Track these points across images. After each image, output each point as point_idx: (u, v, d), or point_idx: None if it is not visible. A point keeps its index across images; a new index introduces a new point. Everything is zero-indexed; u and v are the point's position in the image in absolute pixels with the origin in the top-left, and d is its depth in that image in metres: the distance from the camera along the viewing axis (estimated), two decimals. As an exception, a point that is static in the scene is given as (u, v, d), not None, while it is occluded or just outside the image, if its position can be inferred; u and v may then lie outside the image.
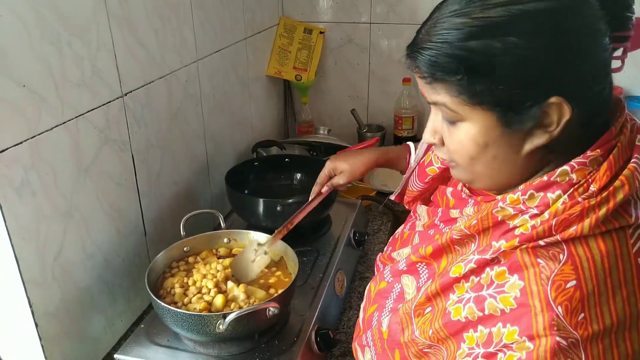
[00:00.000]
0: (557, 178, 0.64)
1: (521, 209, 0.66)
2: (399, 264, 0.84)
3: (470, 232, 0.71)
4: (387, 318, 0.80)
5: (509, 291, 0.64)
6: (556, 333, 0.59)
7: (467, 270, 0.69)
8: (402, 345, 0.76)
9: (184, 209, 1.31)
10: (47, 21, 0.86)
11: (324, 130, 2.04)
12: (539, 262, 0.63)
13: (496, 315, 0.64)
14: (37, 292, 0.89)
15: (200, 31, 1.36)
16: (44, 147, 0.88)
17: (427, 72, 0.65)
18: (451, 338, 0.69)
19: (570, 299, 0.60)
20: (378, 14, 1.96)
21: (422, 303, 0.74)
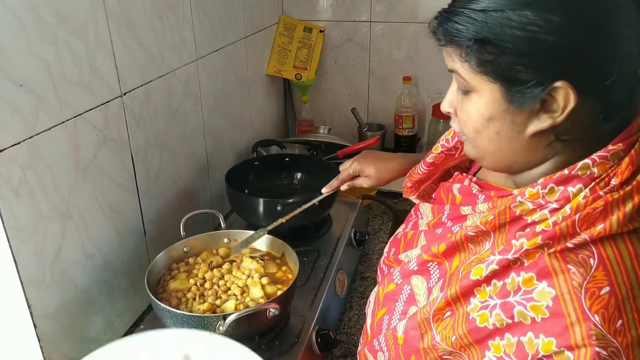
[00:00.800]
0: (579, 172, 0.62)
1: (540, 204, 0.65)
2: (409, 264, 0.82)
3: (486, 228, 0.70)
4: (402, 323, 0.78)
5: (539, 299, 0.62)
6: (595, 343, 0.58)
7: (489, 272, 0.66)
8: (420, 352, 0.74)
9: (183, 208, 1.30)
10: (45, 20, 0.85)
11: (324, 129, 2.03)
12: (570, 269, 0.61)
13: (526, 323, 0.62)
14: (35, 293, 0.89)
15: (199, 30, 1.36)
16: (42, 147, 0.87)
17: (442, 34, 0.65)
18: (475, 345, 0.67)
19: (606, 307, 0.59)
20: (378, 13, 1.95)
21: (441, 308, 0.71)
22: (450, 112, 0.73)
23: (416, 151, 2.07)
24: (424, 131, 2.08)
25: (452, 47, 0.65)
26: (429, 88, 2.03)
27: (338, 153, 1.72)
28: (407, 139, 2.04)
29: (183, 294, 1.02)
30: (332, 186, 1.16)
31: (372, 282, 1.34)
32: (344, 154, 1.72)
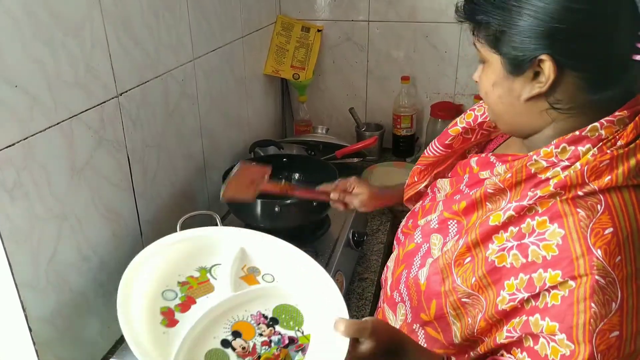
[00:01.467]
0: (588, 133, 0.71)
1: (553, 162, 0.73)
2: (429, 223, 0.90)
3: (503, 185, 0.78)
4: (423, 270, 0.86)
5: (550, 239, 0.71)
6: (596, 272, 0.67)
7: (506, 218, 0.75)
8: (440, 295, 0.82)
9: (180, 209, 1.29)
10: (40, 20, 0.84)
11: (322, 129, 2.02)
12: (579, 212, 0.70)
13: (537, 262, 0.71)
14: (30, 296, 0.88)
15: (196, 30, 1.35)
16: (37, 148, 0.86)
17: (462, 13, 0.78)
18: (492, 286, 0.76)
19: (608, 244, 0.67)
20: (376, 12, 1.94)
21: (462, 253, 0.80)
22: (477, 80, 0.83)
23: (414, 150, 2.06)
24: (422, 131, 2.07)
25: (469, 24, 0.77)
26: (427, 88, 2.03)
27: (336, 153, 1.71)
28: (406, 139, 2.03)
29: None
30: (326, 187, 1.19)
31: (370, 284, 1.34)
32: (342, 154, 1.71)
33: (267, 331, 0.75)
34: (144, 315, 0.74)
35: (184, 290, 0.78)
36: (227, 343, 0.72)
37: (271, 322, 0.76)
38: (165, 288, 0.78)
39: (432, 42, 1.94)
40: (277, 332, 0.75)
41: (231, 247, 0.84)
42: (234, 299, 0.76)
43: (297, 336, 0.76)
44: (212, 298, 0.77)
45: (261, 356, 0.72)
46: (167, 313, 0.75)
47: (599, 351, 0.66)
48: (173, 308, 0.76)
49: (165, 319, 0.74)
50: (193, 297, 0.77)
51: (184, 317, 0.74)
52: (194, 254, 0.82)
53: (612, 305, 0.66)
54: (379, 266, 1.41)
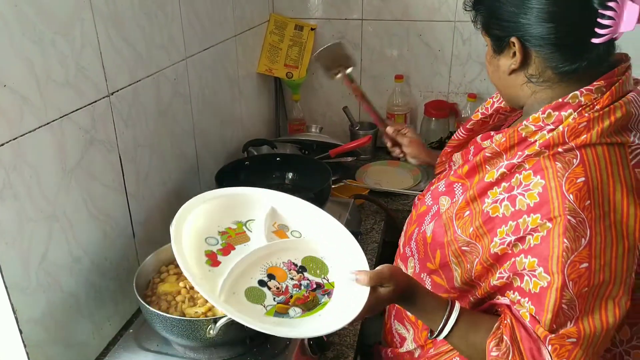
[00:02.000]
0: (569, 100, 0.83)
1: (540, 126, 0.85)
2: (438, 187, 1.04)
3: (499, 149, 0.90)
4: (430, 225, 0.99)
5: (533, 188, 0.82)
6: (567, 213, 0.78)
7: (499, 175, 0.88)
8: (444, 245, 0.95)
9: (173, 210, 1.27)
10: (29, 18, 0.83)
11: (316, 128, 2.02)
12: (557, 164, 0.81)
13: (522, 209, 0.83)
14: (20, 298, 0.87)
15: (188, 28, 1.34)
16: (27, 148, 0.85)
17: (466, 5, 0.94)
18: (487, 234, 0.88)
19: (579, 190, 0.79)
20: (370, 11, 1.94)
21: (462, 207, 0.93)
22: None
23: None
24: (416, 130, 2.07)
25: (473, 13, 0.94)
26: (421, 86, 2.03)
27: (330, 152, 1.71)
28: (399, 138, 2.02)
29: (173, 297, 1.00)
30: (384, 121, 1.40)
31: (364, 283, 1.33)
32: (336, 153, 1.71)
33: (297, 276, 0.86)
34: (192, 254, 0.85)
35: (224, 238, 0.90)
36: (263, 283, 0.83)
37: (300, 269, 0.87)
38: (207, 235, 0.89)
39: (426, 41, 1.94)
40: (306, 278, 0.87)
41: (263, 206, 0.95)
42: (268, 247, 0.88)
43: (323, 282, 0.87)
44: (249, 246, 0.89)
45: (293, 296, 0.83)
46: (211, 255, 0.86)
47: (571, 279, 0.78)
48: (215, 252, 0.87)
49: (209, 259, 0.85)
50: (232, 244, 0.89)
51: (225, 260, 0.86)
52: (230, 209, 0.94)
53: (582, 240, 0.78)
54: (373, 265, 1.41)
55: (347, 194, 1.65)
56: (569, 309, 0.79)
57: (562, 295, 0.78)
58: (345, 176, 1.76)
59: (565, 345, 0.79)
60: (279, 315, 0.80)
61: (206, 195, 0.92)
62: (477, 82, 1.96)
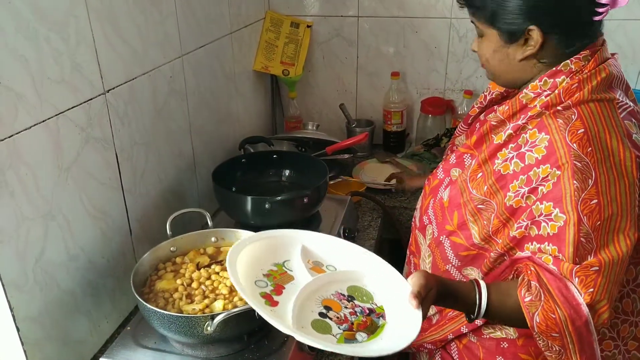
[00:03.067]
0: (562, 68, 0.95)
1: (539, 92, 0.96)
2: (448, 161, 1.13)
3: (503, 117, 1.00)
4: (446, 191, 1.08)
5: (540, 144, 0.92)
6: (573, 159, 0.88)
7: (506, 137, 0.98)
8: (460, 206, 1.03)
9: (170, 207, 1.29)
10: (22, 15, 0.83)
11: (313, 125, 2.02)
12: (558, 121, 0.92)
13: (532, 163, 0.93)
14: (17, 296, 0.86)
15: (184, 25, 1.34)
16: (23, 146, 0.85)
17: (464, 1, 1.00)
18: (500, 190, 0.97)
19: (581, 139, 0.89)
20: (365, 8, 1.94)
21: (475, 170, 1.02)
22: (476, 50, 1.05)
23: (405, 146, 2.06)
24: (413, 127, 2.07)
25: (471, 8, 1.00)
26: (417, 83, 2.03)
27: (327, 149, 1.71)
28: (396, 135, 2.03)
29: (170, 294, 1.00)
30: None
31: (362, 279, 1.33)
32: (333, 150, 1.71)
33: (349, 305, 0.90)
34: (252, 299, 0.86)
35: (270, 280, 0.93)
36: (324, 315, 0.87)
37: (349, 298, 0.91)
38: (255, 279, 0.92)
39: (422, 38, 1.94)
40: (358, 305, 0.90)
41: (294, 246, 1.00)
42: (315, 282, 0.92)
43: (373, 307, 0.91)
44: (296, 284, 0.92)
45: (354, 322, 0.86)
46: (267, 297, 0.88)
47: (584, 214, 0.86)
48: (269, 293, 0.90)
49: (267, 300, 0.88)
50: (281, 284, 0.92)
51: (281, 299, 0.89)
52: (266, 253, 0.98)
53: (589, 181, 0.87)
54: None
55: (344, 191, 1.65)
56: (587, 242, 0.86)
57: (579, 229, 0.86)
58: (342, 173, 1.76)
59: (590, 274, 0.86)
60: (349, 342, 0.83)
61: (241, 243, 0.96)
62: (474, 78, 1.96)
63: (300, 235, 1.03)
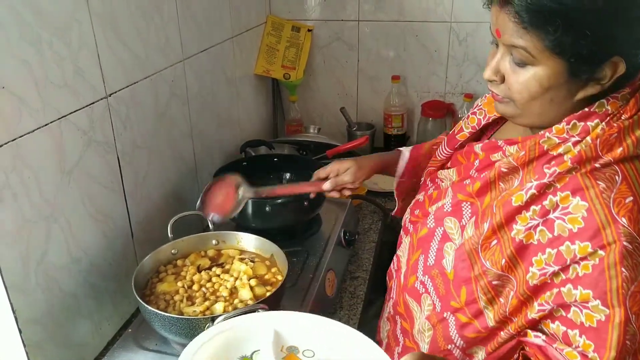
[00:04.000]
0: (596, 109, 0.77)
1: (565, 138, 0.78)
2: (442, 208, 0.93)
3: (517, 164, 0.82)
4: (448, 260, 0.88)
5: (575, 212, 0.75)
6: (623, 239, 0.71)
7: (529, 197, 0.79)
8: (470, 281, 0.85)
9: (171, 210, 1.29)
10: (25, 21, 0.84)
11: (314, 129, 2.02)
12: (599, 184, 0.74)
13: (564, 235, 0.75)
14: (20, 298, 0.87)
15: (185, 30, 1.35)
16: (26, 149, 0.86)
17: (526, 18, 0.72)
18: (521, 264, 0.79)
19: (630, 211, 0.72)
20: (366, 12, 1.95)
21: (488, 237, 0.83)
22: (495, 79, 0.82)
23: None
24: (413, 130, 2.08)
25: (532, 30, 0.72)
26: (418, 87, 2.03)
27: (327, 153, 1.71)
28: (397, 138, 2.04)
29: (171, 296, 1.01)
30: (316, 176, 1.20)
31: (362, 282, 1.34)
32: (334, 153, 1.71)
33: None
34: None
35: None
36: None
37: None
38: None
39: (422, 42, 1.95)
40: None
41: (265, 332, 0.85)
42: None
43: None
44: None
45: None
46: None
47: (633, 312, 0.70)
48: None
49: None
50: None
51: None
52: (232, 345, 0.84)
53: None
54: (371, 265, 1.41)
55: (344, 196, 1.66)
56: (631, 344, 0.72)
57: (625, 331, 0.71)
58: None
59: None
60: None
61: (202, 337, 0.82)
62: (474, 82, 1.97)
63: (272, 319, 0.88)
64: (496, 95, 0.83)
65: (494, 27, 0.78)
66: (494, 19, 0.78)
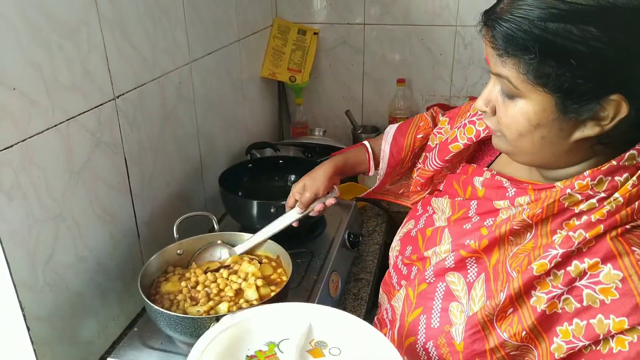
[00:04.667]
0: (626, 162, 0.68)
1: (588, 194, 0.69)
2: (444, 262, 0.83)
3: (532, 221, 0.73)
4: (457, 329, 0.79)
5: (607, 282, 0.66)
6: None
7: (553, 265, 0.69)
8: (486, 354, 0.76)
9: (177, 211, 1.30)
10: (37, 24, 0.85)
11: (319, 131, 2.04)
12: (634, 250, 0.66)
13: (595, 306, 0.66)
14: (28, 296, 0.89)
15: (192, 33, 1.36)
16: (35, 150, 0.87)
17: (502, 45, 0.66)
18: (543, 335, 0.70)
19: None
20: (372, 15, 1.96)
21: (505, 306, 0.74)
22: (487, 110, 0.75)
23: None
24: (418, 133, 2.09)
25: (510, 58, 0.66)
26: (423, 90, 2.04)
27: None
28: (402, 141, 2.04)
29: (175, 296, 1.02)
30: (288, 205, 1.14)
31: (366, 284, 1.35)
32: (338, 156, 1.72)
33: None
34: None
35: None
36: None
37: None
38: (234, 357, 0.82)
39: (427, 45, 1.95)
40: None
41: (300, 322, 0.87)
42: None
43: None
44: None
45: None
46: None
47: None
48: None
49: None
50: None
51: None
52: (263, 329, 0.86)
53: None
54: (375, 267, 1.42)
55: (349, 196, 1.67)
56: None
57: None
58: (347, 179, 1.78)
59: None
60: None
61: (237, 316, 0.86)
62: (479, 85, 1.97)
63: (311, 310, 0.89)
64: (490, 128, 0.78)
65: (485, 54, 0.72)
66: (484, 45, 0.72)
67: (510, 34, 0.65)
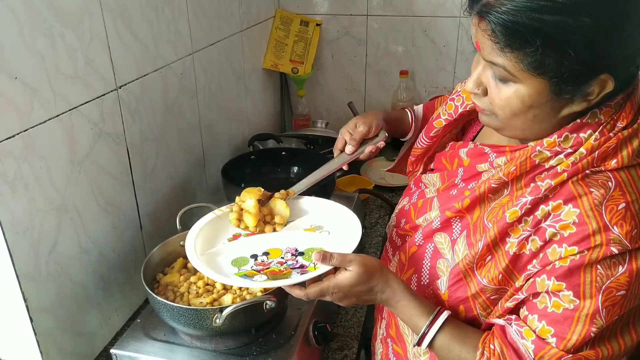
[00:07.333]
0: (588, 120, 0.74)
1: (557, 151, 0.76)
2: (431, 224, 0.90)
3: (507, 179, 0.80)
4: (441, 280, 0.86)
5: (566, 218, 0.73)
6: (612, 245, 0.70)
7: (524, 212, 0.76)
8: (468, 300, 0.83)
9: (180, 202, 1.30)
10: (39, 12, 0.85)
11: (322, 123, 2.03)
12: (592, 191, 0.73)
13: (555, 239, 0.74)
14: (31, 287, 0.88)
15: (195, 23, 1.35)
16: (37, 140, 0.87)
17: (503, 37, 0.69)
18: (515, 274, 0.78)
19: (623, 218, 0.71)
20: (374, 6, 1.95)
21: (482, 254, 0.81)
22: (477, 92, 0.79)
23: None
24: (421, 125, 2.08)
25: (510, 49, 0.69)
26: (426, 81, 2.03)
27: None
28: (404, 133, 2.03)
29: (178, 287, 1.01)
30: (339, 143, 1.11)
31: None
32: (341, 147, 1.72)
33: (288, 258, 0.91)
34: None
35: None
36: (254, 256, 0.93)
37: (298, 254, 0.92)
38: None
39: (431, 37, 1.94)
40: (295, 260, 0.91)
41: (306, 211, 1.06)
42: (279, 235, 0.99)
43: (308, 265, 0.88)
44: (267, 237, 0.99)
45: (269, 268, 0.89)
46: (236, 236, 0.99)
47: (604, 307, 0.70)
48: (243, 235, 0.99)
49: (232, 238, 0.99)
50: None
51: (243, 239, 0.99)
52: None
53: (619, 268, 0.70)
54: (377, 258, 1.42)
55: (351, 188, 1.66)
56: (595, 336, 0.72)
57: (592, 322, 0.71)
58: (350, 171, 1.77)
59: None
60: (245, 277, 0.86)
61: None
62: (482, 77, 1.96)
63: (315, 202, 1.08)
64: (479, 108, 0.81)
65: (474, 39, 0.75)
66: (473, 30, 0.74)
67: (510, 27, 0.67)
